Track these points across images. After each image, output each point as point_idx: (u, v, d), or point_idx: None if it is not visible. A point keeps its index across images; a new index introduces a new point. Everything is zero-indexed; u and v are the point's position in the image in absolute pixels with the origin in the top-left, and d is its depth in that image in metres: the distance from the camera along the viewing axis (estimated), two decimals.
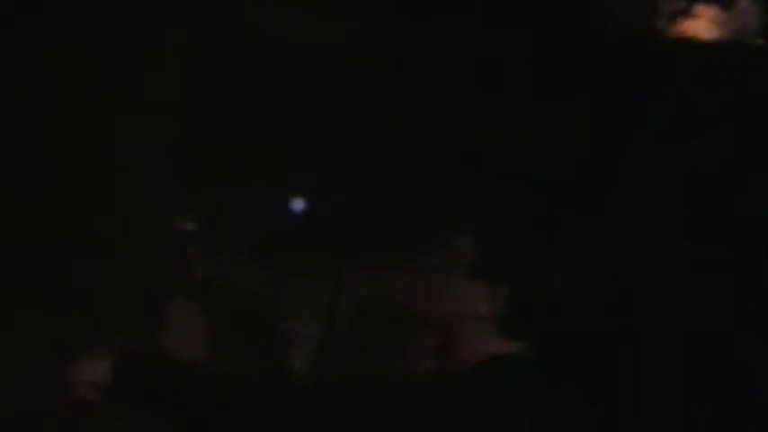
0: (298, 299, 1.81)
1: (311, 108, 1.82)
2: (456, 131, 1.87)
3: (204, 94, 1.79)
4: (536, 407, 1.73)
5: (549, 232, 1.85)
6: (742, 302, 1.80)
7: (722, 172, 1.86)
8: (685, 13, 1.94)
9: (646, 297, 1.80)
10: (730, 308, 1.79)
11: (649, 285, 1.81)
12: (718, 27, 2.00)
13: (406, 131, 1.83)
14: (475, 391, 1.73)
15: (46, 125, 1.97)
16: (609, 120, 1.87)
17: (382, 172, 1.81)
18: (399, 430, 1.68)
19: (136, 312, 1.88)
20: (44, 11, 1.96)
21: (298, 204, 1.86)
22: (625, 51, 1.89)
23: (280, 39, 1.80)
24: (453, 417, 1.69)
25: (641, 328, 1.80)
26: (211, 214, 1.77)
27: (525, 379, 1.77)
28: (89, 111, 1.95)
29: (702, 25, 1.99)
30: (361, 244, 1.79)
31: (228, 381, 1.64)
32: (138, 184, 1.90)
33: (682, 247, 1.83)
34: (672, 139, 1.89)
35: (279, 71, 1.79)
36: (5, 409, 2.11)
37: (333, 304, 1.75)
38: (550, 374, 1.75)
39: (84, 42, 1.93)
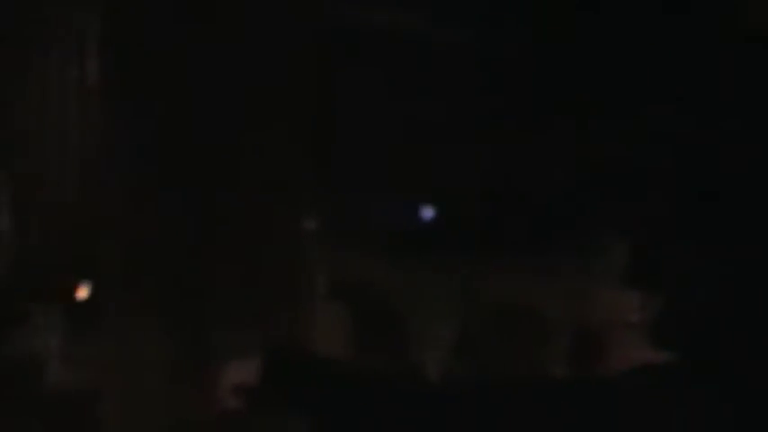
0: (431, 300, 1.83)
1: (446, 110, 1.89)
2: (607, 136, 1.86)
3: (335, 97, 1.92)
4: (684, 416, 1.60)
5: (702, 241, 1.76)
6: None
7: None
8: None
9: None
10: None
11: None
12: None
13: (551, 134, 1.85)
14: (622, 399, 1.64)
15: (182, 132, 2.19)
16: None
17: (523, 175, 1.83)
18: None
19: (280, 313, 1.98)
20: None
21: (430, 206, 1.91)
22: None
23: (413, 41, 1.92)
24: (594, 424, 1.61)
25: None
26: (349, 216, 1.86)
27: (675, 387, 1.65)
28: (225, 116, 2.15)
29: None
30: (496, 247, 1.79)
31: (368, 378, 1.67)
32: (279, 187, 2.04)
33: None
34: None
35: (412, 74, 1.90)
36: (159, 415, 2.25)
37: (465, 307, 1.75)
38: (700, 384, 1.63)
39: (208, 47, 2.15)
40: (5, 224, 5.08)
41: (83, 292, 5.65)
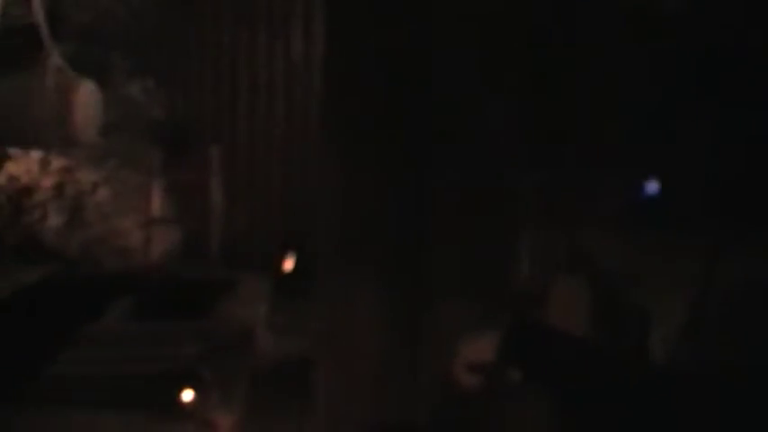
0: (666, 281, 1.69)
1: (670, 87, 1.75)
2: None
3: (567, 70, 1.82)
4: None
5: None
6: None
7: None
8: None
9: None
10: None
11: None
12: None
13: None
14: None
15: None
16: None
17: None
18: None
19: (522, 289, 1.90)
20: None
21: (666, 184, 1.77)
22: None
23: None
24: None
25: None
26: (583, 190, 1.76)
27: None
28: (452, 83, 2.08)
29: None
30: (739, 226, 1.63)
31: (603, 356, 1.58)
32: (511, 162, 1.96)
33: None
34: None
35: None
36: (371, 390, 2.24)
37: (701, 288, 1.61)
38: None
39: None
40: (218, 197, 5.29)
41: (290, 264, 5.81)
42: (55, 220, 4.92)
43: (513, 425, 1.88)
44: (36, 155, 4.80)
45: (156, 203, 5.04)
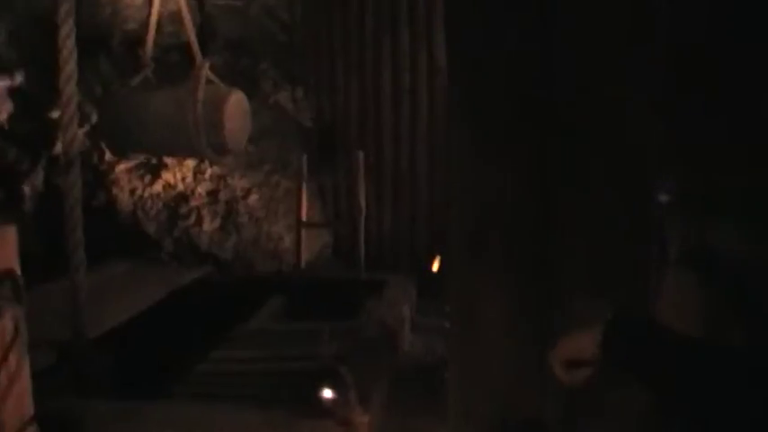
0: None
1: None
2: None
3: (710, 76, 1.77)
4: None
5: None
6: None
7: None
8: None
9: None
10: None
11: None
12: None
13: None
14: None
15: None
16: None
17: None
18: None
19: (625, 283, 1.88)
20: None
21: None
22: None
23: None
24: None
25: None
26: (699, 187, 1.72)
27: None
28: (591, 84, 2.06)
29: None
30: None
31: (714, 353, 1.54)
32: (636, 157, 1.93)
33: None
34: None
35: None
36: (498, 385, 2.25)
37: None
38: None
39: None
40: (364, 201, 5.39)
41: (435, 266, 5.86)
42: (209, 224, 5.15)
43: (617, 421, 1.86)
44: (191, 163, 5.04)
45: (305, 207, 5.19)
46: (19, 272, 2.11)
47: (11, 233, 2.12)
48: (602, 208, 2.08)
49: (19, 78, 4.08)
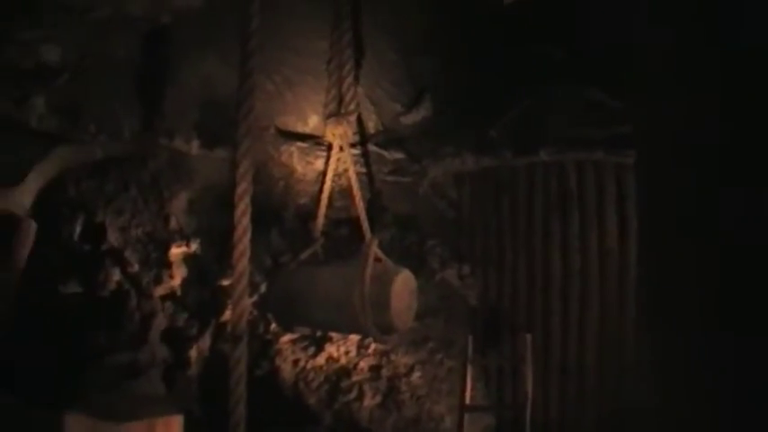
0: None
1: None
2: None
3: None
4: None
5: None
6: None
7: None
8: None
9: None
10: None
11: None
12: None
13: None
14: None
15: None
16: None
17: None
18: None
19: None
20: None
21: None
22: None
23: None
24: None
25: None
26: None
27: None
28: None
29: None
30: None
31: None
32: None
33: None
34: None
35: None
36: None
37: None
38: None
39: None
40: (530, 385, 5.18)
41: None
42: (370, 400, 5.07)
43: None
44: (354, 337, 5.03)
45: (469, 389, 5.04)
46: None
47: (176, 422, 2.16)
48: None
49: (194, 246, 4.26)
